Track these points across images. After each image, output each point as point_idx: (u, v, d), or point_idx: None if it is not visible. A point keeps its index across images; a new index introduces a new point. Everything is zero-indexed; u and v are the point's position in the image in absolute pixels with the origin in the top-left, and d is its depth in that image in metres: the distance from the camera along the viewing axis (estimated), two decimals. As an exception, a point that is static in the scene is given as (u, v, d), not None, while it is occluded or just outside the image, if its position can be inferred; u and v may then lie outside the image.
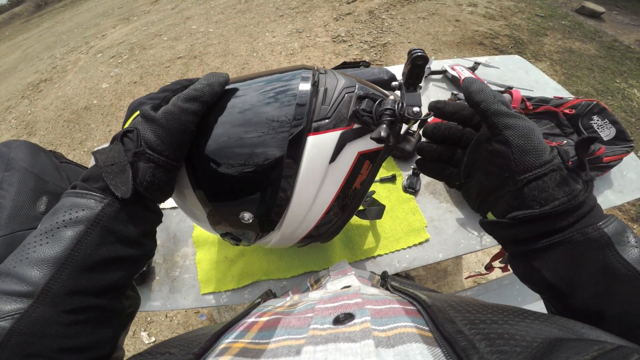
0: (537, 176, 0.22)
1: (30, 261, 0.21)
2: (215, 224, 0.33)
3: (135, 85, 2.54)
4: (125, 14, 4.31)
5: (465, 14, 2.71)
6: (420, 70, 0.27)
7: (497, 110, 0.24)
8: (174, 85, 0.30)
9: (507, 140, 0.23)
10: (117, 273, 0.24)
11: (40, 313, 0.20)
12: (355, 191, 0.31)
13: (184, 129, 0.25)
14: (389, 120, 0.25)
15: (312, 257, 0.52)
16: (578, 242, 0.22)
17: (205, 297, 0.51)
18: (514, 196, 0.24)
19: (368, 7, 2.87)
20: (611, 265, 0.21)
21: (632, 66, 2.23)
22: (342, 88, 0.29)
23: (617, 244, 0.21)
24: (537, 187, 0.22)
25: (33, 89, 2.93)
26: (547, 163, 0.23)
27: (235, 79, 0.31)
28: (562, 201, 0.22)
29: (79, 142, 2.17)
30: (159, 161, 0.25)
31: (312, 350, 0.16)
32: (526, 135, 0.23)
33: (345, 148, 0.28)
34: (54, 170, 0.47)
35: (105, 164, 0.24)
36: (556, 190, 0.22)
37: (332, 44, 2.51)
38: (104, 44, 3.41)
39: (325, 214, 0.31)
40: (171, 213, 0.61)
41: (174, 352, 0.18)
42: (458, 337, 0.15)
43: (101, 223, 0.23)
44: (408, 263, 0.51)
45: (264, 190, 0.28)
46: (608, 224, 0.22)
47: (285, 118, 0.27)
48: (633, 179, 0.65)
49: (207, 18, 3.35)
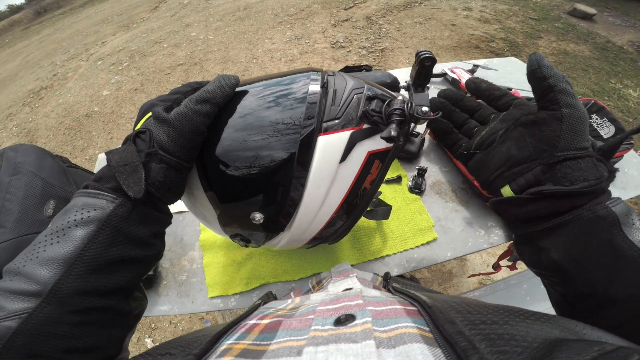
0: (575, 157, 0.23)
1: (40, 260, 0.21)
2: (226, 225, 0.34)
3: (136, 92, 2.55)
4: (125, 21, 4.35)
5: (461, 18, 2.75)
6: (429, 71, 0.28)
7: (564, 88, 0.25)
8: (185, 87, 0.30)
9: (562, 117, 0.24)
10: (126, 274, 0.25)
11: (48, 313, 0.20)
12: (365, 191, 0.31)
13: (196, 130, 0.26)
14: (398, 120, 0.26)
15: (320, 259, 0.52)
16: (587, 220, 0.22)
17: (213, 301, 0.51)
18: (543, 170, 0.24)
19: (365, 13, 2.91)
20: (618, 245, 0.21)
21: (626, 66, 2.27)
22: (351, 89, 0.29)
23: (623, 224, 0.22)
24: (571, 165, 0.23)
25: (34, 96, 2.94)
26: (585, 149, 0.24)
27: (244, 82, 0.32)
28: (591, 183, 0.23)
29: (80, 149, 2.17)
30: (171, 162, 0.25)
31: (313, 350, 0.16)
32: (580, 118, 0.24)
33: (355, 148, 0.28)
34: (61, 174, 0.48)
35: (118, 164, 0.24)
36: (588, 172, 0.23)
37: (331, 50, 2.53)
38: (104, 51, 3.44)
39: (336, 213, 0.31)
40: (177, 217, 0.61)
41: (174, 354, 0.18)
42: (458, 338, 0.15)
43: (112, 223, 0.23)
44: (417, 262, 0.51)
45: (276, 190, 0.29)
46: (615, 204, 0.22)
47: (296, 119, 0.27)
48: (635, 176, 0.66)
49: (206, 25, 3.38)
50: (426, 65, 0.27)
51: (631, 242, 0.21)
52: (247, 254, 0.54)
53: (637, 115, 1.88)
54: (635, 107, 1.94)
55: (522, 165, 0.25)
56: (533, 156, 0.25)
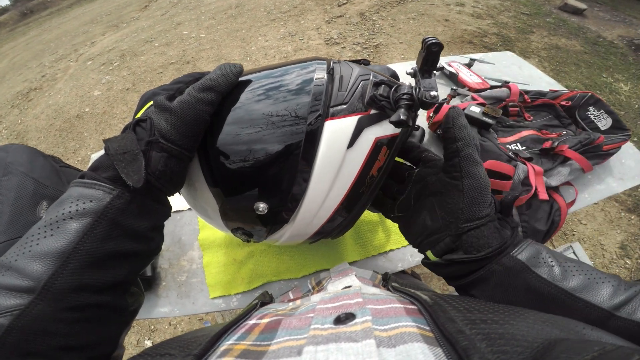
0: (477, 226, 0.25)
1: (32, 254, 0.20)
2: (228, 218, 0.33)
3: (128, 92, 2.51)
4: (114, 20, 4.27)
5: (454, 13, 2.76)
6: (436, 56, 0.28)
7: (469, 154, 0.26)
8: (187, 77, 0.29)
9: (463, 189, 0.26)
10: (123, 269, 0.24)
11: (41, 310, 0.19)
12: (372, 179, 0.30)
13: (199, 118, 0.25)
14: (407, 104, 0.25)
15: (323, 255, 0.51)
16: (499, 272, 0.24)
17: (215, 301, 0.50)
18: (453, 240, 0.26)
19: (359, 9, 2.91)
20: (534, 286, 0.23)
21: (617, 61, 2.30)
22: (358, 75, 0.29)
23: (532, 266, 0.23)
24: (476, 234, 0.25)
25: (23, 98, 2.87)
26: (487, 215, 0.25)
27: (248, 71, 0.31)
28: (494, 248, 0.24)
29: (72, 151, 2.12)
30: (173, 151, 0.24)
31: (313, 350, 0.16)
32: (480, 188, 0.25)
33: (362, 133, 0.28)
34: (54, 174, 0.46)
35: (117, 152, 0.23)
36: (491, 238, 0.24)
37: (325, 46, 2.52)
38: (94, 51, 3.37)
39: (343, 202, 0.30)
40: (175, 216, 0.60)
41: (174, 354, 0.18)
42: (459, 337, 0.15)
43: (109, 216, 0.22)
44: (421, 256, 0.50)
45: (282, 178, 0.28)
46: (521, 251, 0.24)
47: (302, 105, 0.27)
48: (632, 166, 0.66)
49: (198, 23, 3.34)
50: (434, 50, 0.27)
51: (545, 280, 0.22)
52: (248, 253, 0.53)
53: (628, 108, 1.91)
54: (627, 100, 1.97)
55: (436, 236, 0.28)
56: (442, 228, 0.27)
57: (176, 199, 0.35)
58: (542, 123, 0.72)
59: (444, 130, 0.27)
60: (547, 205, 0.54)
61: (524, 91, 0.75)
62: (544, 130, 0.69)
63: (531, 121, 0.72)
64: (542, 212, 0.53)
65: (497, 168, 0.51)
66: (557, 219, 0.53)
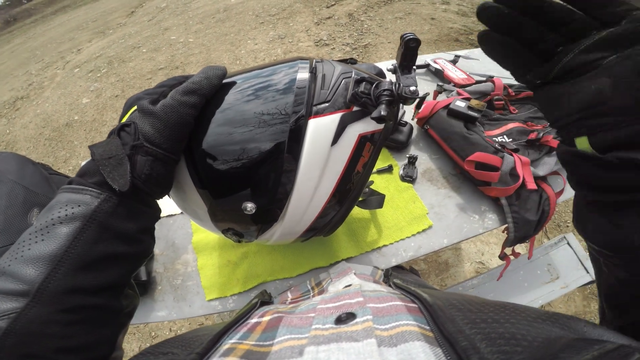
0: None
1: (25, 259, 0.20)
2: (218, 219, 0.33)
3: (117, 98, 2.48)
4: (101, 27, 4.22)
5: (440, 12, 2.79)
6: (414, 52, 0.28)
7: None
8: (171, 80, 0.29)
9: None
10: (115, 271, 0.24)
11: (37, 312, 0.19)
12: (358, 175, 0.31)
13: (183, 122, 0.25)
14: (387, 100, 0.26)
15: (317, 253, 0.52)
16: None
17: (211, 304, 0.50)
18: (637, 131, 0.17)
19: (347, 10, 2.93)
20: None
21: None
22: (340, 73, 0.29)
23: None
24: None
25: (10, 107, 2.82)
26: None
27: (232, 73, 0.31)
28: None
29: (63, 160, 2.09)
30: (157, 154, 0.25)
31: (314, 350, 0.16)
32: None
33: (346, 130, 0.28)
34: (44, 181, 0.46)
35: (102, 157, 0.23)
36: None
37: (315, 48, 2.53)
38: (81, 58, 3.33)
39: (330, 199, 0.31)
40: (168, 221, 0.60)
41: (176, 352, 0.18)
42: (459, 337, 0.15)
43: (98, 219, 0.23)
44: (414, 251, 0.51)
45: (267, 177, 0.28)
46: None
47: (286, 105, 0.27)
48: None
49: (186, 28, 3.32)
50: (411, 46, 0.28)
51: None
52: (242, 254, 0.53)
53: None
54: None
55: (611, 118, 0.17)
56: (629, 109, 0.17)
57: (168, 203, 0.36)
58: (527, 115, 0.73)
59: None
60: (536, 195, 0.55)
61: (508, 85, 0.76)
62: (529, 122, 0.71)
63: (516, 114, 0.73)
64: (532, 202, 0.54)
65: (485, 160, 0.53)
66: (546, 208, 0.54)
